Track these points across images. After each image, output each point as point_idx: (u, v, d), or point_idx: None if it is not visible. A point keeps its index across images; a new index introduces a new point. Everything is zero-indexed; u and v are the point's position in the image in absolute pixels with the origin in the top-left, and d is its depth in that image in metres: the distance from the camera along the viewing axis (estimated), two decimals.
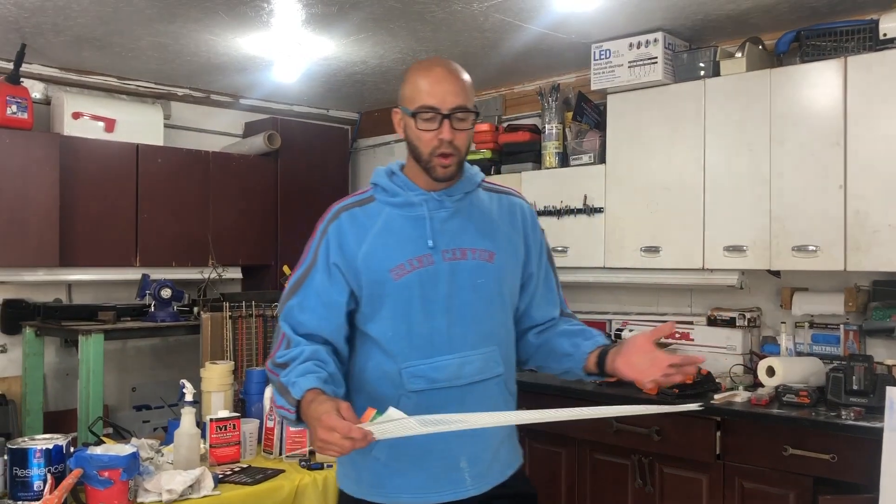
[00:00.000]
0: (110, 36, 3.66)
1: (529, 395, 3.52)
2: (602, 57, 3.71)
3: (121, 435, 4.26)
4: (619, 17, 3.41)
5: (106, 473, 2.30)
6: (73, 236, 4.00)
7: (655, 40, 3.53)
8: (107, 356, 4.46)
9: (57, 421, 4.02)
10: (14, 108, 3.80)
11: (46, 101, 4.22)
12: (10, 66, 3.87)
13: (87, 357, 3.60)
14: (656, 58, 3.53)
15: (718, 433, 3.01)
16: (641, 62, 3.58)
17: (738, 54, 3.39)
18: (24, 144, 3.82)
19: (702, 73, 3.48)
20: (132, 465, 2.36)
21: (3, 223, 3.75)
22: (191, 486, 2.47)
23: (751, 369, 3.45)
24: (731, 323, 3.59)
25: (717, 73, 3.45)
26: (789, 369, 3.13)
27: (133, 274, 4.25)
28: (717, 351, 3.62)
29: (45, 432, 3.98)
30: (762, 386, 3.17)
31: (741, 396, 3.08)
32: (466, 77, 1.77)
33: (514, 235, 1.87)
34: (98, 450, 2.38)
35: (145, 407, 4.59)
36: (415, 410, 1.69)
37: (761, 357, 3.38)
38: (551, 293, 1.95)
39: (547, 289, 1.94)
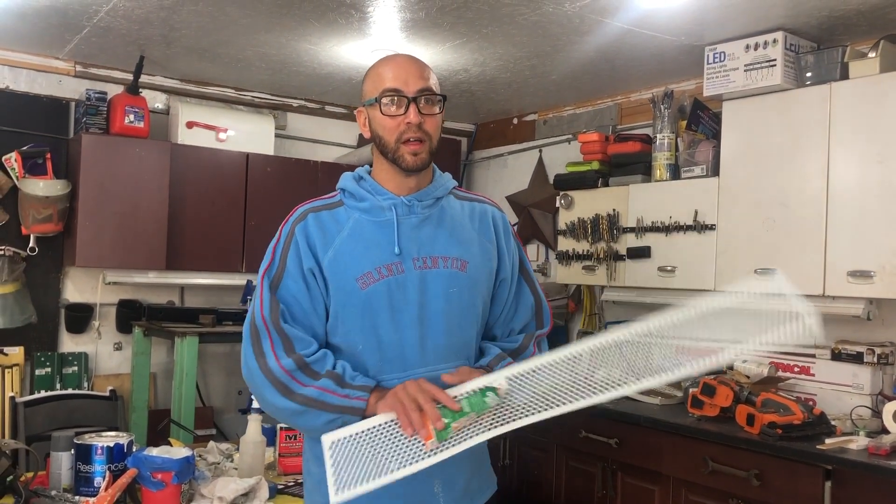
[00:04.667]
0: (216, 47, 3.76)
1: (625, 425, 3.28)
2: (716, 60, 3.41)
3: (225, 438, 4.38)
4: (734, 16, 3.11)
5: (159, 476, 2.29)
6: (180, 241, 4.14)
7: (774, 41, 3.19)
8: (214, 359, 4.61)
9: (161, 419, 4.17)
10: (132, 117, 3.99)
11: (167, 112, 4.43)
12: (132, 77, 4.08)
13: (182, 359, 3.70)
14: (775, 60, 3.19)
15: (828, 484, 2.63)
16: (759, 65, 3.25)
17: (871, 54, 3.00)
18: (137, 152, 4.01)
19: (828, 76, 3.10)
20: (185, 469, 2.34)
21: (116, 226, 3.94)
22: (245, 495, 2.44)
23: (878, 413, 3.02)
24: (858, 358, 3.15)
25: (845, 75, 3.06)
26: None
27: (240, 280, 4.35)
28: (842, 389, 3.20)
29: (148, 429, 4.15)
30: (887, 433, 2.76)
31: (858, 443, 2.68)
32: (429, 67, 1.67)
33: (486, 244, 1.73)
34: (154, 451, 2.39)
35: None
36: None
37: (891, 399, 2.95)
38: (522, 305, 1.79)
39: (518, 299, 1.78)
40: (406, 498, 1.62)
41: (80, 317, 4.21)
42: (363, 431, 1.52)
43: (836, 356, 3.23)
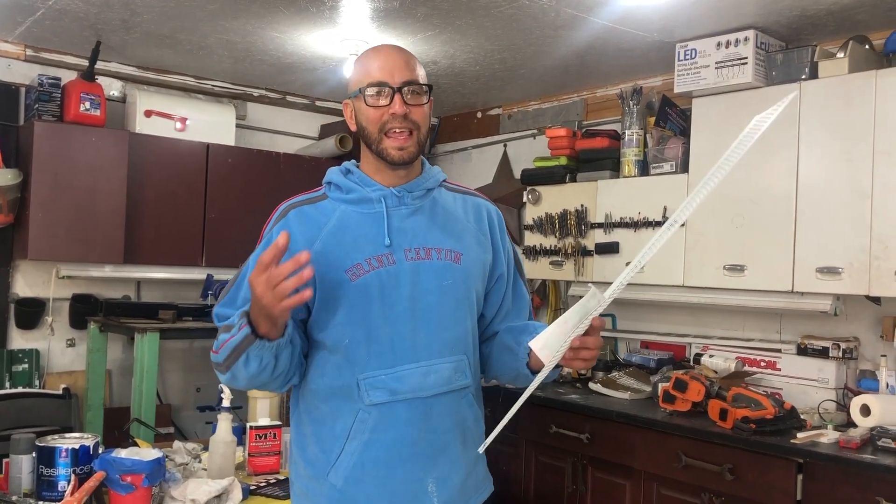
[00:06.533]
0: (178, 33, 3.64)
1: (596, 420, 3.28)
2: (687, 57, 3.43)
3: (183, 436, 4.26)
4: (706, 13, 3.12)
5: (128, 478, 2.21)
6: (138, 234, 4.00)
7: (746, 39, 3.22)
8: (172, 355, 4.48)
9: (118, 417, 4.02)
10: (87, 104, 3.83)
11: (124, 99, 4.27)
12: (87, 63, 3.91)
13: (142, 355, 3.58)
14: (746, 58, 3.22)
15: (800, 476, 2.67)
16: (730, 63, 3.27)
17: (840, 54, 3.05)
18: (94, 141, 3.85)
19: (798, 75, 3.15)
20: (156, 471, 2.26)
21: (72, 218, 3.79)
22: (218, 497, 2.37)
23: (844, 406, 3.08)
24: (823, 353, 3.21)
25: (814, 75, 3.11)
26: (888, 409, 2.76)
27: (199, 274, 4.23)
28: (807, 384, 3.26)
29: (105, 428, 4.01)
30: (855, 426, 2.81)
31: (828, 437, 2.73)
32: (416, 58, 1.66)
33: (481, 237, 1.71)
34: (123, 453, 2.30)
35: (209, 408, 4.55)
36: (376, 425, 1.56)
37: (856, 393, 3.01)
38: (520, 302, 1.78)
39: (516, 296, 1.77)
40: (400, 496, 1.59)
41: (31, 312, 4.04)
42: None
43: (802, 351, 3.29)
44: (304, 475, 1.68)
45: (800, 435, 2.75)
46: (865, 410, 2.80)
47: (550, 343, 1.41)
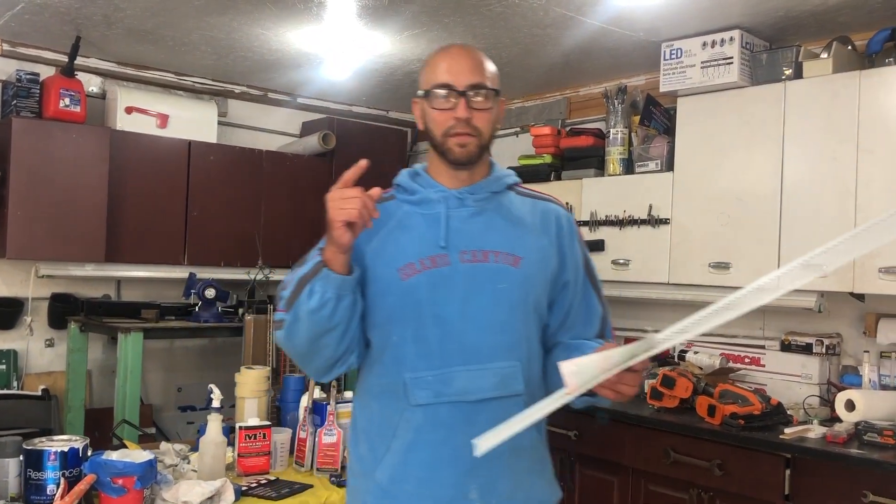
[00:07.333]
0: (161, 29, 3.59)
1: (584, 417, 3.29)
2: (672, 57, 3.45)
3: (165, 437, 4.21)
4: (692, 13, 3.15)
5: (120, 481, 2.17)
6: (120, 232, 3.95)
7: (731, 39, 3.26)
8: (153, 355, 4.43)
9: (99, 418, 3.97)
10: (67, 100, 3.77)
11: (103, 96, 4.20)
12: (66, 58, 3.85)
13: (126, 355, 3.53)
14: (732, 58, 3.25)
15: (788, 471, 2.70)
16: (715, 62, 3.31)
17: (824, 55, 3.09)
18: (74, 138, 3.79)
19: (782, 74, 3.19)
20: (148, 473, 2.23)
21: (52, 217, 3.72)
22: (210, 499, 2.34)
23: (828, 402, 3.13)
24: (807, 349, 3.27)
25: (799, 74, 3.15)
26: (872, 404, 2.81)
27: (181, 272, 4.18)
28: (791, 380, 3.31)
29: (85, 429, 3.95)
30: (840, 421, 2.86)
31: (815, 432, 2.77)
32: (487, 59, 1.64)
33: (545, 242, 1.66)
34: (114, 455, 2.26)
35: (190, 408, 4.53)
36: (421, 426, 1.55)
37: (840, 389, 3.06)
38: (590, 313, 1.71)
39: (585, 307, 1.71)
40: (441, 499, 1.57)
41: (9, 312, 3.96)
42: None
43: (786, 347, 3.34)
44: (355, 472, 1.69)
45: (787, 430, 2.79)
46: (850, 406, 2.85)
47: (583, 372, 1.35)
